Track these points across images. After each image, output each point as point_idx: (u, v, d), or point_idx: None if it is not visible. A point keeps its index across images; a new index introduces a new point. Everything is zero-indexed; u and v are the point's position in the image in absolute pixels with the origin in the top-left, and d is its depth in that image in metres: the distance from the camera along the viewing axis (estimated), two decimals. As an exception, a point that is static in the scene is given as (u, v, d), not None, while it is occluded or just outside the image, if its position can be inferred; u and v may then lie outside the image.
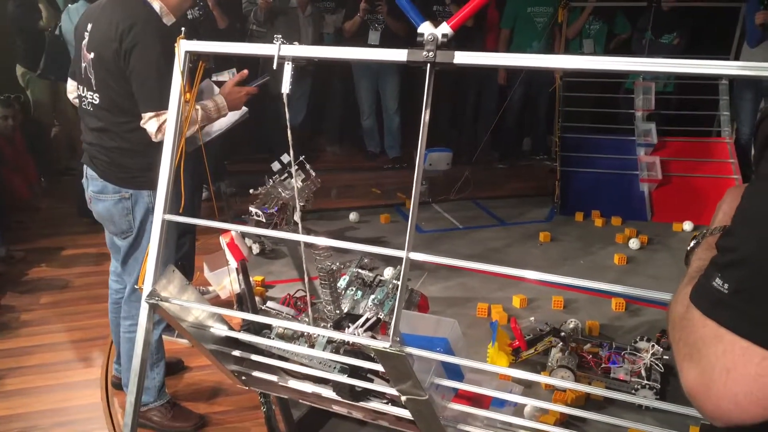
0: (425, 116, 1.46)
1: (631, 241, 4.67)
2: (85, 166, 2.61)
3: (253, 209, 4.23)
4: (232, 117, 2.90)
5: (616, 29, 6.35)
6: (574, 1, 6.00)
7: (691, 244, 0.97)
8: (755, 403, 0.71)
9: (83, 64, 2.48)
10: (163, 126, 2.33)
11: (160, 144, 2.36)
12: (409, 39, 1.47)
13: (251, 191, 4.37)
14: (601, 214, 5.20)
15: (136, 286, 2.50)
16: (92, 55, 2.43)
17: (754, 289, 0.71)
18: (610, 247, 4.68)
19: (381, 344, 1.52)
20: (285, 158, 4.26)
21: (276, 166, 4.33)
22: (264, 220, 4.17)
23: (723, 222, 0.90)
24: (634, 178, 5.38)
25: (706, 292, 0.76)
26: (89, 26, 2.46)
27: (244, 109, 3.00)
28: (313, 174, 4.27)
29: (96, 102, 2.47)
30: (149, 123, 2.36)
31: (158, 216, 1.70)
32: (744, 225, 0.75)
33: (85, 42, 2.46)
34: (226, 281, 3.65)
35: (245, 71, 2.56)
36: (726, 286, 0.73)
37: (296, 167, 4.24)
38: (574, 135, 5.60)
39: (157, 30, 2.38)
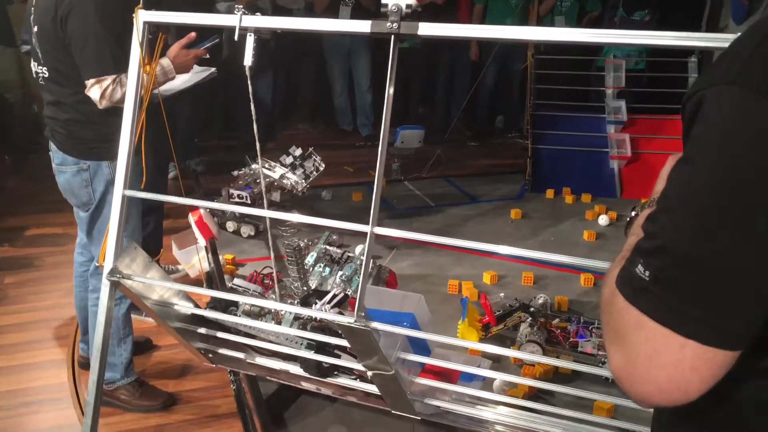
0: (389, 89, 1.44)
1: (601, 217, 4.71)
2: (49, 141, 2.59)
3: (234, 191, 4.17)
4: (195, 75, 2.84)
5: (587, 6, 6.36)
6: (547, -22, 5.99)
7: (632, 215, 0.97)
8: (676, 387, 0.73)
9: (33, 39, 2.45)
10: (106, 92, 2.31)
11: (116, 113, 2.32)
12: (380, 15, 1.44)
13: (233, 172, 4.32)
14: (571, 191, 5.25)
15: (96, 263, 2.46)
16: (36, 28, 2.40)
17: (672, 278, 0.72)
18: (580, 223, 4.73)
19: (346, 320, 1.52)
20: (297, 152, 4.24)
21: (287, 159, 4.27)
22: (249, 201, 4.12)
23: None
24: (604, 156, 5.42)
25: (629, 279, 0.76)
26: (34, 0, 2.42)
27: (212, 69, 2.93)
28: (322, 167, 4.28)
29: (46, 75, 2.45)
30: (92, 90, 2.33)
31: (118, 192, 1.67)
32: (665, 212, 0.75)
33: (32, 16, 2.43)
34: (195, 260, 3.61)
35: (192, 34, 2.50)
36: (647, 273, 0.73)
37: (309, 156, 4.27)
38: (545, 113, 5.62)
39: None
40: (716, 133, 0.71)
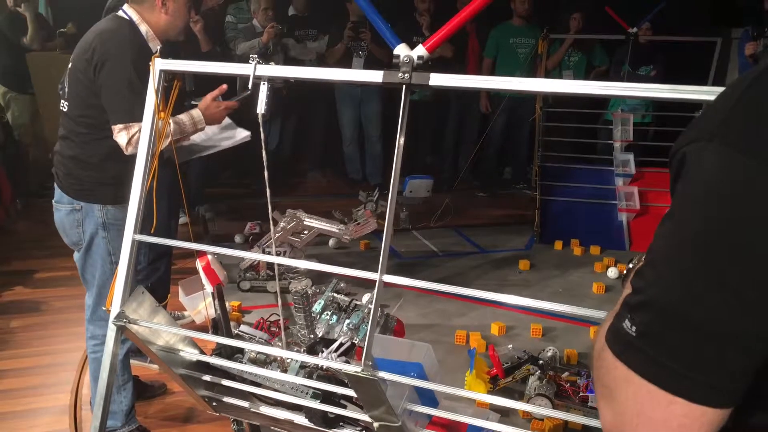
0: (400, 139, 1.45)
1: (610, 270, 4.68)
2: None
3: (269, 249, 4.16)
4: (229, 138, 2.88)
5: (594, 61, 6.45)
6: (555, 34, 6.09)
7: (629, 266, 0.96)
8: None
9: (66, 74, 2.53)
10: (133, 139, 2.35)
11: (117, 159, 2.35)
12: (393, 65, 1.47)
13: (251, 228, 4.30)
14: (580, 242, 5.22)
15: (103, 307, 2.44)
16: (71, 64, 2.49)
17: (657, 333, 0.71)
18: (589, 275, 4.69)
19: (353, 368, 1.49)
20: (375, 195, 4.25)
21: (367, 207, 4.27)
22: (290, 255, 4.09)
23: None
24: (612, 208, 5.42)
25: (617, 333, 0.76)
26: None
27: (247, 133, 2.96)
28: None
29: (65, 110, 2.52)
30: (120, 135, 2.37)
31: (128, 236, 1.67)
32: (650, 266, 0.75)
33: (72, 56, 2.52)
34: (201, 306, 3.59)
35: (224, 86, 2.54)
36: (633, 328, 0.73)
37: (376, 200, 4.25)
38: (553, 164, 5.65)
39: (133, 47, 2.40)
40: (696, 190, 0.71)
